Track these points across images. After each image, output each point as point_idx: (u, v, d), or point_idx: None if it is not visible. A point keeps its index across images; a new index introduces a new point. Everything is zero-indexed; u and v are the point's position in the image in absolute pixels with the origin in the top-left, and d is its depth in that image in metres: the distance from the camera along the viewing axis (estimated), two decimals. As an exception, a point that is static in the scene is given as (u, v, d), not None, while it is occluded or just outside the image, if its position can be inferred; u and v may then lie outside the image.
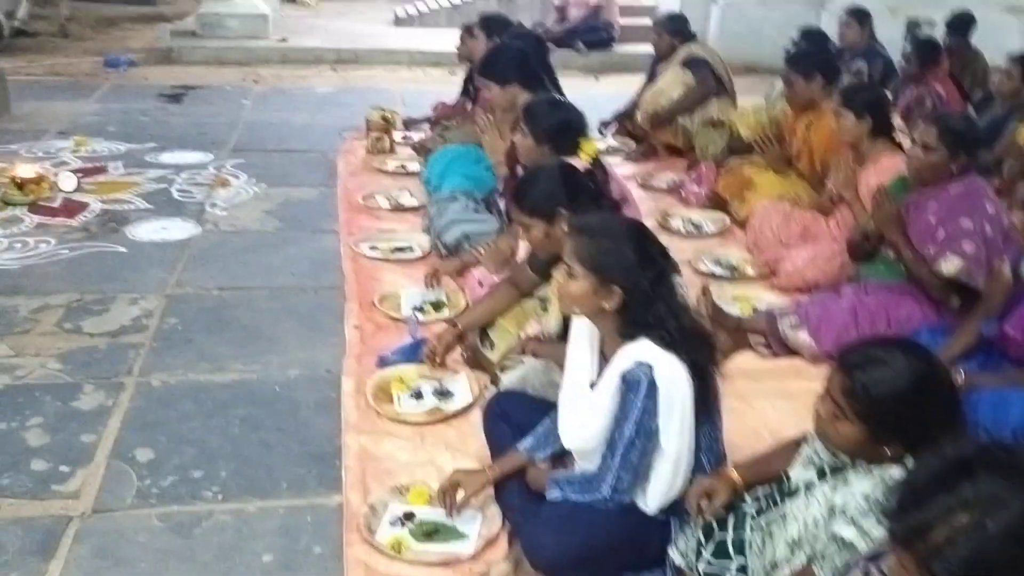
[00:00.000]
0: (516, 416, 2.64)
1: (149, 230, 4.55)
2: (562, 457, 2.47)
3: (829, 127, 4.60)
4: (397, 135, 6.12)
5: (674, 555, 2.17)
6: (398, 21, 10.78)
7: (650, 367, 2.11)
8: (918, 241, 3.41)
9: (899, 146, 4.13)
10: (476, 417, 2.96)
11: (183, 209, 4.85)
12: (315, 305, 3.83)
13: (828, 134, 4.59)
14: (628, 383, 2.14)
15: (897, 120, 4.50)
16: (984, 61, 6.93)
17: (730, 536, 2.07)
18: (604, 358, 2.33)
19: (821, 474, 1.93)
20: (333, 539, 2.44)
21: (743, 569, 2.03)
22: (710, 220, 4.89)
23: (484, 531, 2.46)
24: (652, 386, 2.11)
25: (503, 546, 2.43)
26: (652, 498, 2.21)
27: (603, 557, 2.23)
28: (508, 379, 2.82)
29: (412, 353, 3.29)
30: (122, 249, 4.31)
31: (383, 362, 3.27)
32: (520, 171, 4.01)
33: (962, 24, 7.00)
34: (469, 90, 6.27)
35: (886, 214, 3.48)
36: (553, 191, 2.83)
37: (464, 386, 3.14)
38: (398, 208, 4.97)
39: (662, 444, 2.15)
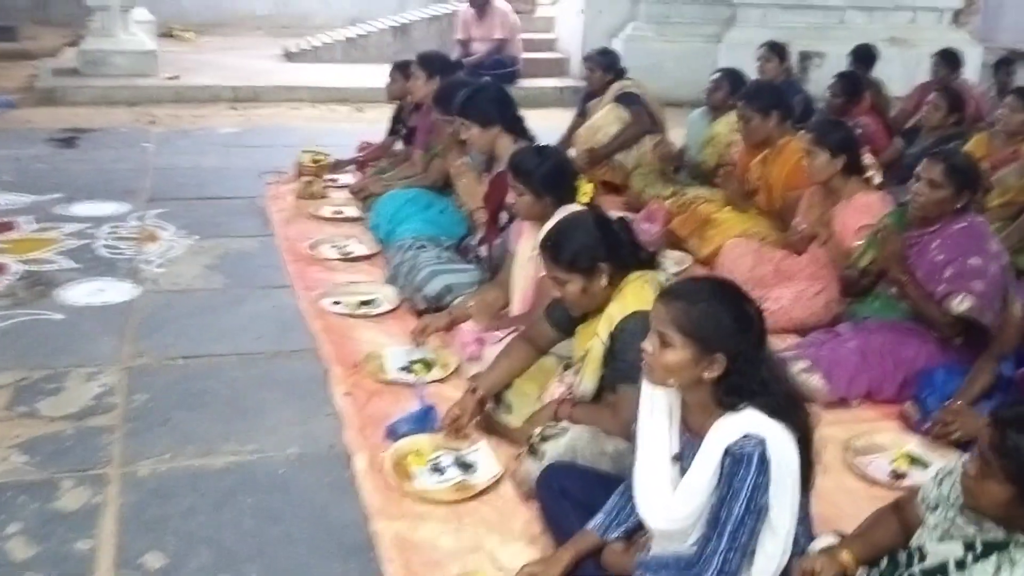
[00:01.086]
0: (576, 492, 2.48)
1: (83, 293, 4.14)
2: (633, 534, 2.33)
3: (789, 163, 4.66)
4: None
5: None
6: (290, 56, 10.42)
7: (762, 440, 1.99)
8: (924, 279, 3.43)
9: (869, 182, 4.19)
10: (508, 490, 2.79)
11: (115, 267, 4.45)
12: (292, 371, 3.55)
13: (789, 170, 4.64)
14: (736, 458, 2.00)
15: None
16: (887, 92, 7.23)
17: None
18: (687, 428, 2.20)
19: (968, 547, 1.85)
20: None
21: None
22: (671, 259, 4.84)
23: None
24: (764, 460, 1.99)
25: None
26: (736, 570, 2.07)
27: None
28: (553, 450, 2.64)
29: (423, 421, 3.06)
30: (58, 316, 3.90)
31: (393, 434, 3.03)
32: (503, 218, 3.88)
33: (867, 56, 7.28)
34: (399, 129, 6.09)
35: (892, 252, 3.49)
36: (592, 244, 2.69)
37: (487, 456, 2.93)
38: (348, 257, 4.71)
39: (772, 521, 2.03)
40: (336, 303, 4.12)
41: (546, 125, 6.02)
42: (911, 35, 10.07)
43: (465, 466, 2.90)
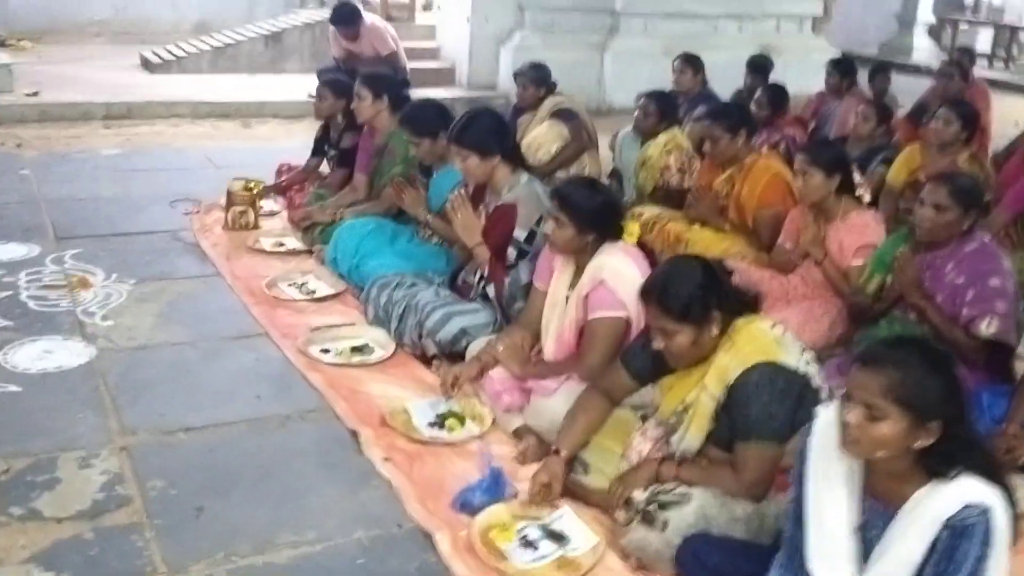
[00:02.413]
0: (727, 567, 2.32)
1: (29, 357, 3.60)
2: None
3: (761, 181, 4.65)
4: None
5: None
6: (149, 66, 9.66)
7: (986, 511, 1.89)
8: (944, 302, 3.45)
9: (860, 200, 4.23)
10: (614, 561, 2.58)
11: (54, 323, 3.91)
12: (314, 436, 3.19)
13: (761, 188, 4.63)
14: (957, 531, 1.89)
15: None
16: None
17: None
18: (872, 495, 2.07)
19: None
20: None
21: None
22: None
23: None
24: (988, 532, 1.89)
25: None
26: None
27: None
28: (679, 519, 2.44)
29: (496, 489, 2.81)
30: (14, 388, 3.36)
31: (468, 506, 2.76)
32: (512, 254, 3.66)
33: (763, 66, 7.46)
34: (326, 151, 5.72)
35: (910, 279, 3.50)
36: (704, 292, 2.52)
37: (574, 523, 2.69)
38: (314, 298, 4.33)
39: (990, 591, 1.94)
40: (325, 351, 3.77)
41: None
42: (779, 43, 10.47)
43: (556, 536, 2.66)
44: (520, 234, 3.66)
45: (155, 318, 4.04)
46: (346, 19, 7.98)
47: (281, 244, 4.99)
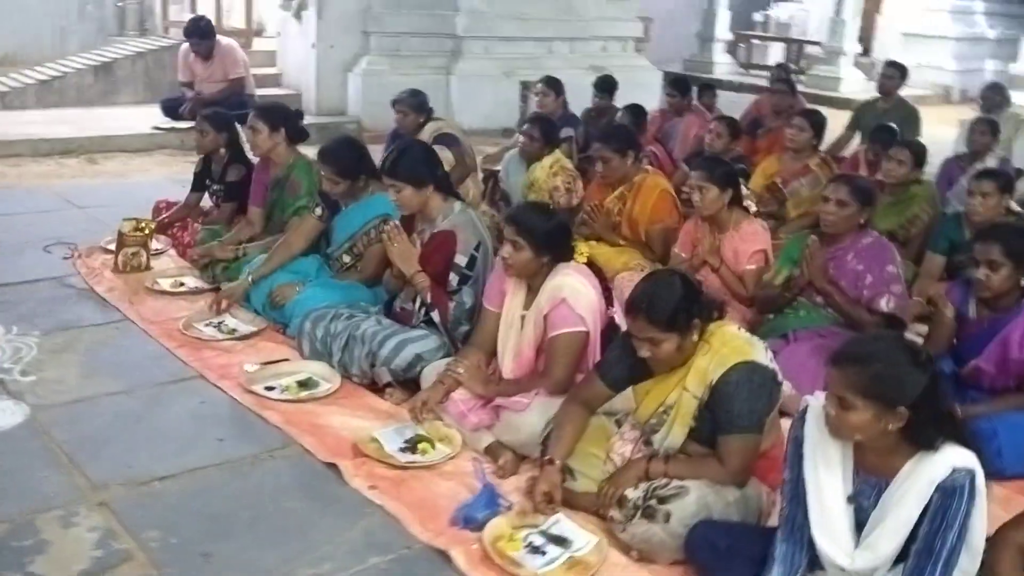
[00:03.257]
0: (739, 547, 2.57)
1: (-41, 420, 3.41)
2: None
3: (652, 197, 5.04)
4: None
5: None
6: (-34, 102, 9.04)
7: (971, 471, 2.24)
8: (848, 287, 3.96)
9: (747, 211, 4.65)
10: (617, 557, 2.79)
11: (-29, 384, 3.71)
12: (292, 473, 3.22)
13: (653, 204, 5.01)
14: (948, 491, 2.23)
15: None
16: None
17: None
18: (862, 470, 2.39)
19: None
20: None
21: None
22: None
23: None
24: (974, 489, 2.24)
25: None
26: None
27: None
28: (681, 510, 2.69)
29: (493, 502, 2.96)
30: (-40, 453, 3.19)
31: (470, 522, 2.89)
32: (454, 280, 3.80)
33: (610, 85, 7.93)
34: (206, 185, 5.63)
35: (818, 266, 3.96)
36: (687, 302, 2.78)
37: (571, 526, 2.88)
38: (237, 336, 4.29)
39: (971, 541, 2.28)
40: (270, 388, 3.78)
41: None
42: (606, 62, 11.04)
43: (559, 540, 2.83)
44: (461, 260, 3.81)
45: (79, 369, 3.90)
46: (203, 32, 7.83)
47: (181, 284, 4.88)
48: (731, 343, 2.82)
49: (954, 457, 2.26)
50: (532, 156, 5.70)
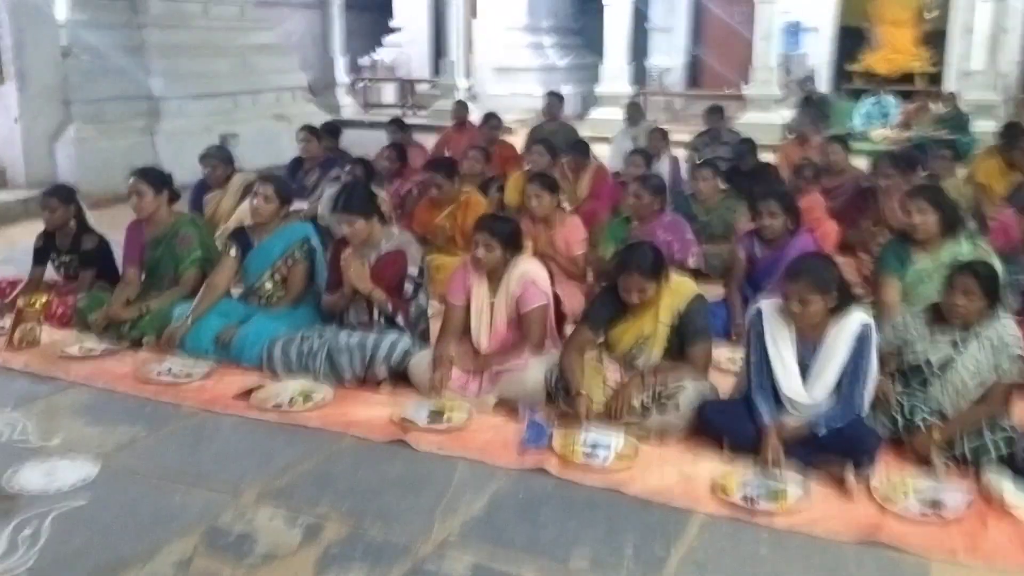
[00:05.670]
0: (734, 411, 3.90)
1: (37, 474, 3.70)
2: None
3: (479, 211, 6.19)
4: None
5: (888, 417, 3.89)
6: None
7: (871, 324, 3.80)
8: (666, 251, 5.40)
9: (564, 210, 6.01)
10: (643, 446, 3.99)
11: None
12: (372, 454, 3.93)
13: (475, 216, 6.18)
14: (862, 338, 3.75)
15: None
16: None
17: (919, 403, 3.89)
18: (801, 339, 3.86)
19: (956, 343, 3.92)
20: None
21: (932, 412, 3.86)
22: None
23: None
24: (873, 335, 3.80)
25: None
26: (867, 402, 3.84)
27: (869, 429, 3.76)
28: (687, 400, 3.93)
29: (544, 429, 3.95)
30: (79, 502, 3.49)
31: (537, 445, 3.87)
32: (409, 288, 4.71)
33: (335, 129, 8.92)
34: (52, 258, 5.77)
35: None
36: (662, 261, 4.07)
37: (600, 434, 3.98)
38: (199, 378, 4.72)
39: (873, 368, 3.84)
40: (278, 406, 4.38)
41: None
42: (284, 111, 11.87)
43: (599, 445, 3.95)
44: (413, 271, 4.73)
45: (95, 433, 4.12)
46: None
47: (91, 349, 5.09)
48: (685, 284, 4.20)
49: (860, 316, 3.81)
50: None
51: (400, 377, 4.58)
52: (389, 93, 19.15)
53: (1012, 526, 3.32)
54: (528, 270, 4.46)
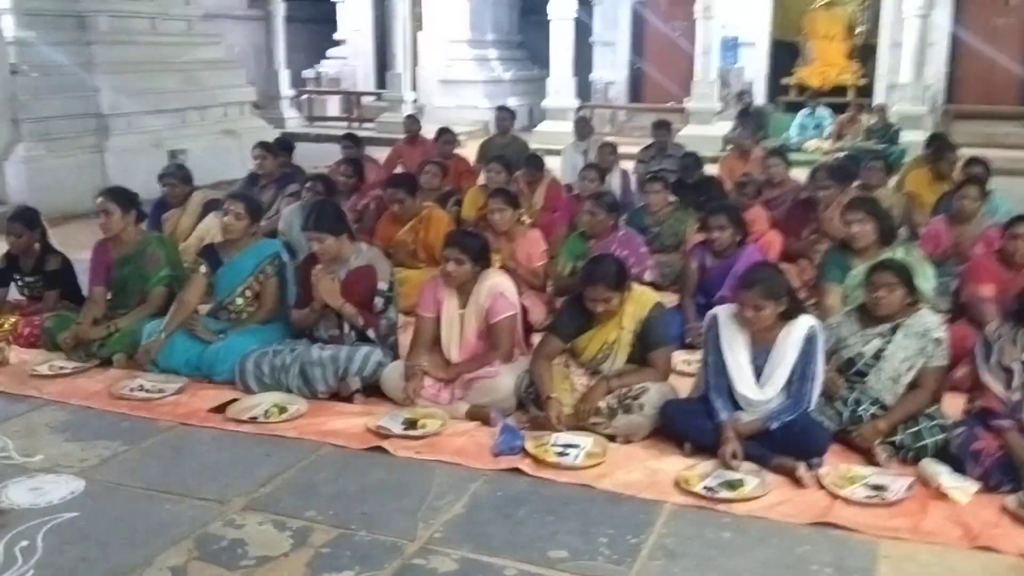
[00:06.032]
0: (694, 410, 4.15)
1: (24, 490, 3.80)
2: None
3: (442, 226, 6.40)
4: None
5: (835, 411, 4.18)
6: None
7: (816, 325, 4.09)
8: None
9: (524, 223, 6.23)
10: (609, 445, 4.22)
11: None
12: (352, 461, 4.09)
13: (444, 231, 6.36)
14: (810, 339, 4.05)
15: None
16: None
17: (862, 395, 4.20)
18: (754, 343, 4.13)
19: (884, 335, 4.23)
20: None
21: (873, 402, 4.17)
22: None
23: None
24: (817, 337, 4.09)
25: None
26: (815, 397, 4.13)
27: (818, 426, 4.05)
28: (650, 402, 4.17)
29: (517, 433, 4.17)
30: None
31: (513, 448, 4.08)
32: (379, 303, 4.88)
33: (288, 145, 9.04)
34: (14, 280, 5.83)
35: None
36: (624, 273, 4.31)
37: (568, 436, 4.20)
38: (172, 393, 4.83)
39: (819, 369, 4.13)
40: (253, 418, 4.51)
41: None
42: (231, 126, 11.92)
43: (571, 445, 4.18)
44: (383, 286, 4.90)
45: (76, 449, 4.21)
46: None
47: (62, 368, 5.15)
48: (645, 294, 4.46)
49: (807, 320, 4.10)
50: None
51: (373, 389, 4.75)
52: (334, 106, 19.22)
53: (948, 507, 3.64)
54: (498, 282, 4.67)
